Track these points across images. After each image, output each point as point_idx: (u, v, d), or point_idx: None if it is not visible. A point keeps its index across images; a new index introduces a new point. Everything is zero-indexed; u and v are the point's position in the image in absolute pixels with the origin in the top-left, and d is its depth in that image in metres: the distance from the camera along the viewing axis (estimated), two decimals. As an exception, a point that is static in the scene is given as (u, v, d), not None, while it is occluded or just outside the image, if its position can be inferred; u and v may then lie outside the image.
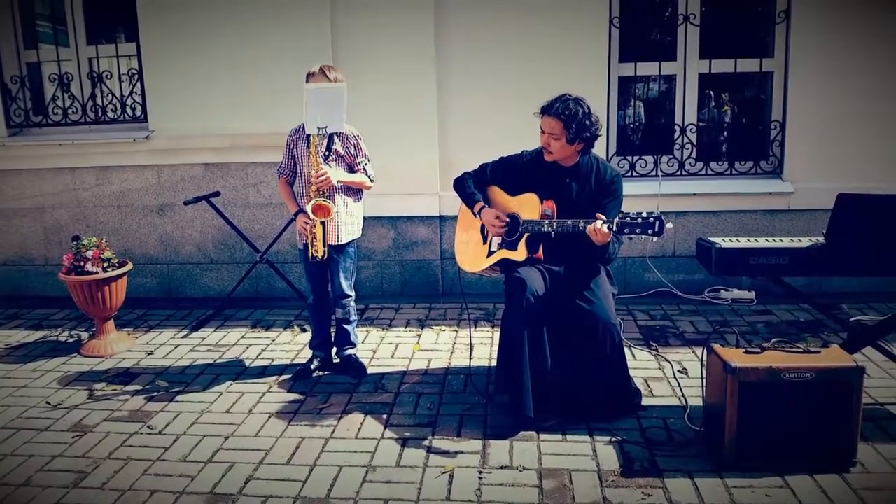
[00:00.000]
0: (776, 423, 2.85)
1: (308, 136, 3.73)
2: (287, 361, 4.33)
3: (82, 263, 4.46)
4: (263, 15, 5.28)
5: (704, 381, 3.16)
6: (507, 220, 3.47)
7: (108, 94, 5.78)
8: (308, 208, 3.68)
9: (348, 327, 4.10)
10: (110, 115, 5.79)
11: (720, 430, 2.89)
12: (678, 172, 5.43)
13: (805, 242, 3.30)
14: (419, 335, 4.72)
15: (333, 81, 3.70)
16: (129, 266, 4.67)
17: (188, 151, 5.56)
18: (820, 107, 5.11)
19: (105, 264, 4.51)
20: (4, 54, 5.75)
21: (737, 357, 2.89)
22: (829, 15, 5.00)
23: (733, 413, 2.83)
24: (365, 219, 4.10)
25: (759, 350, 2.96)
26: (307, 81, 3.74)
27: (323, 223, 3.74)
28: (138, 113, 5.73)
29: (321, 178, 3.66)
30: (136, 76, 5.66)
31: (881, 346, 3.47)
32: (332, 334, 4.18)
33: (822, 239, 3.29)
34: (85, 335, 4.91)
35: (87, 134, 5.73)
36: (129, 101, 5.75)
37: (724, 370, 2.86)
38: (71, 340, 4.86)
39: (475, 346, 4.42)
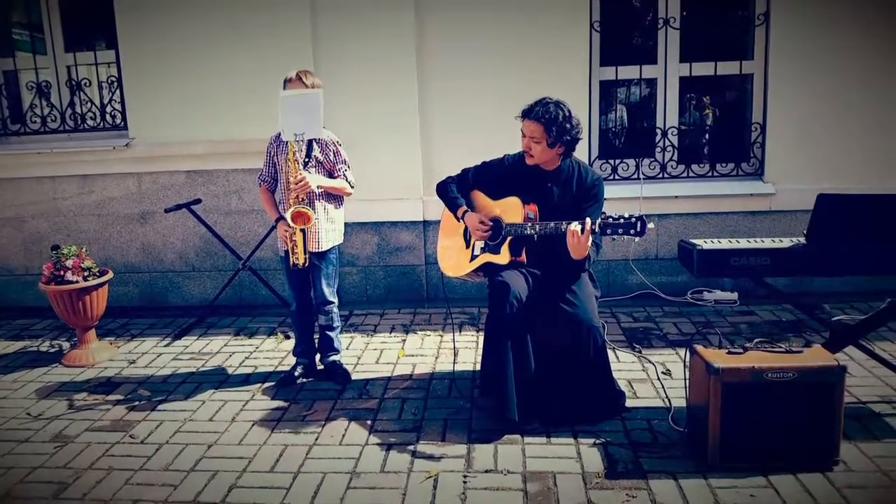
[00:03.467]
0: (759, 424, 2.86)
1: (287, 142, 3.71)
2: (271, 369, 4.31)
3: (62, 273, 4.41)
4: (243, 21, 5.25)
5: (687, 382, 3.17)
6: (491, 223, 3.47)
7: (87, 102, 5.73)
8: (287, 216, 3.66)
9: (331, 333, 4.08)
10: (90, 123, 5.75)
11: (704, 430, 2.90)
12: (660, 175, 5.45)
13: (786, 243, 3.32)
14: (404, 340, 4.71)
15: (310, 87, 3.69)
16: (110, 275, 4.63)
17: (169, 159, 5.52)
18: (800, 108, 5.16)
19: (85, 273, 4.47)
20: (-20, 63, 5.70)
21: (719, 358, 2.90)
22: (808, 17, 5.04)
23: (716, 414, 2.84)
24: (349, 224, 4.08)
25: (741, 350, 2.98)
26: (284, 87, 3.72)
27: (303, 230, 3.72)
28: (118, 121, 5.69)
29: (300, 184, 3.64)
30: (116, 83, 5.62)
31: (863, 344, 3.49)
32: (316, 341, 4.16)
33: (802, 239, 3.31)
34: (66, 345, 4.86)
35: (67, 142, 5.68)
36: (108, 109, 5.71)
37: (706, 371, 2.86)
38: (52, 350, 4.81)
39: (460, 351, 4.42)
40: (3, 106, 5.78)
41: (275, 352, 4.60)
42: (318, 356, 4.18)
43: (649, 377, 3.90)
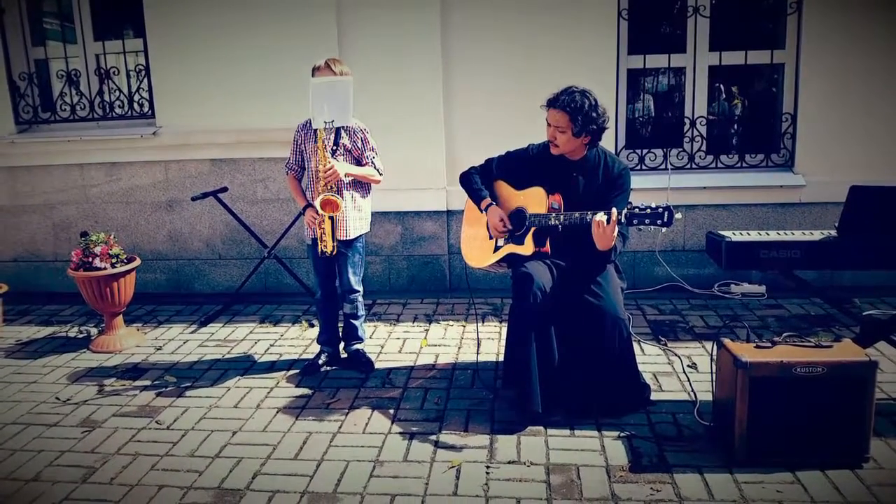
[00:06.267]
0: (787, 418, 2.81)
1: (315, 130, 3.71)
2: (295, 356, 4.33)
3: (91, 259, 4.47)
4: (270, 10, 5.26)
5: (714, 375, 3.13)
6: (510, 227, 3.45)
7: (115, 91, 5.78)
8: (316, 203, 3.67)
9: (356, 322, 4.09)
10: (118, 111, 5.80)
11: (730, 425, 2.87)
12: (688, 166, 5.38)
13: (817, 235, 3.27)
14: (427, 330, 4.71)
15: (339, 75, 3.68)
16: (138, 262, 4.68)
17: (196, 147, 5.56)
18: (832, 99, 5.06)
19: (113, 260, 4.52)
20: (12, 51, 5.75)
21: (747, 352, 2.86)
22: (840, 5, 4.93)
23: (743, 408, 2.80)
24: (372, 214, 4.08)
25: (769, 344, 2.93)
26: (313, 76, 3.72)
27: (331, 218, 3.73)
28: (146, 109, 5.73)
29: (328, 172, 3.64)
30: (144, 72, 5.67)
31: (894, 340, 3.43)
32: (340, 329, 4.17)
33: (834, 232, 3.25)
34: (94, 331, 4.92)
35: (95, 130, 5.74)
36: (136, 97, 5.75)
37: (734, 365, 2.83)
38: (80, 336, 4.87)
39: (483, 341, 4.41)
40: (33, 94, 5.86)
41: (299, 339, 4.63)
42: (342, 345, 4.19)
43: (675, 370, 3.86)
